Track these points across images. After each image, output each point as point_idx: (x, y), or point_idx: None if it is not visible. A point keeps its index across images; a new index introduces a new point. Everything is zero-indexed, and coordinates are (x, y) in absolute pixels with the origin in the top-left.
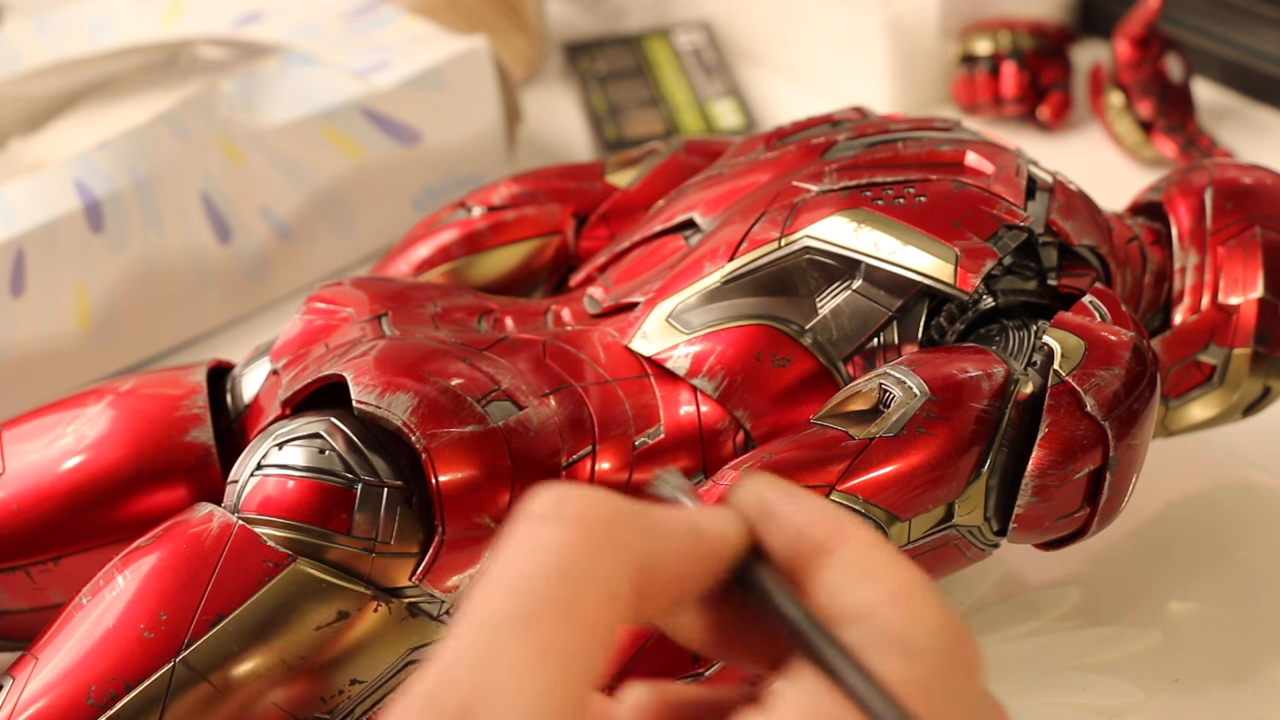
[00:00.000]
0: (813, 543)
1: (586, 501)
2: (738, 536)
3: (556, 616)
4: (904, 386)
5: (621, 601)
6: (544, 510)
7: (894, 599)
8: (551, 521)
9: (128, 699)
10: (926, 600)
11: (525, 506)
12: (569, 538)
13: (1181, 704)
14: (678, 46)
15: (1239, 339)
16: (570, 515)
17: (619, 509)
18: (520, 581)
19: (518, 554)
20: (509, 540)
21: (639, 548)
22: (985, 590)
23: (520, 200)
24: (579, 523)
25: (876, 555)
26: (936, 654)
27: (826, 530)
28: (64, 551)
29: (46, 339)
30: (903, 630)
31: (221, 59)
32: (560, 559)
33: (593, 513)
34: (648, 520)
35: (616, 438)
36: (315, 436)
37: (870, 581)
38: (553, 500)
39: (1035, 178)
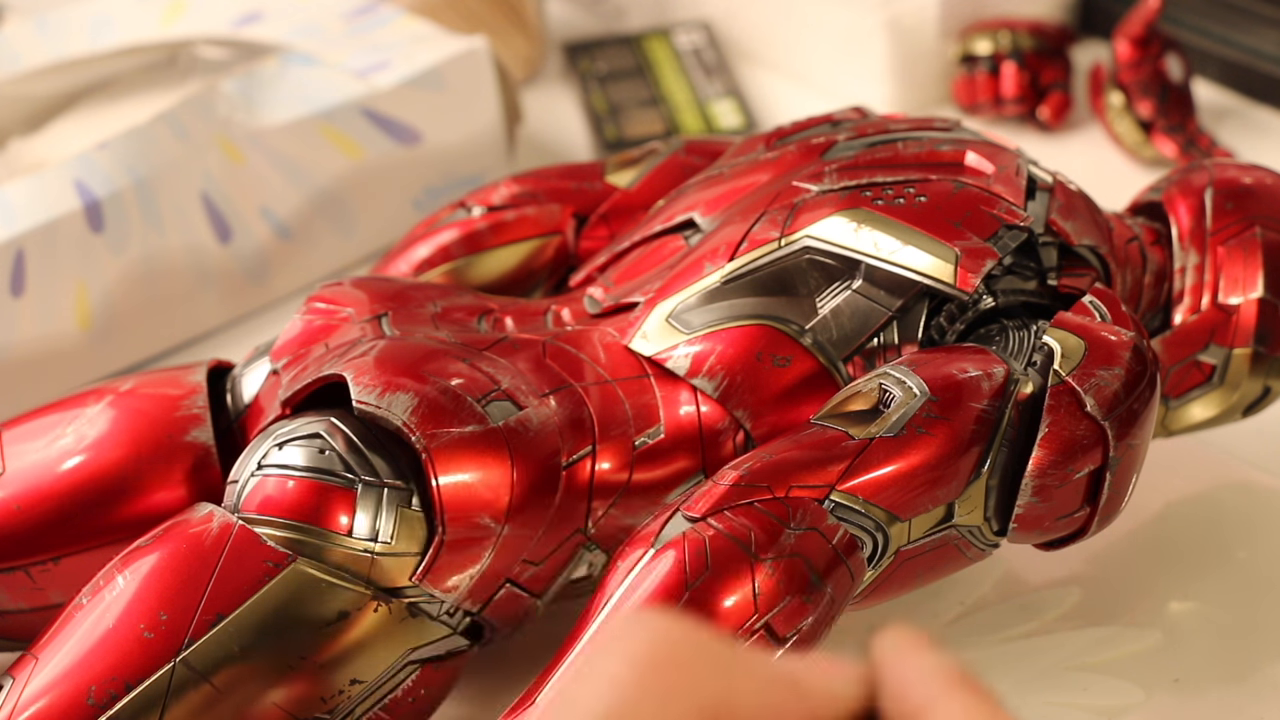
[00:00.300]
0: (914, 703)
1: (655, 631)
2: (848, 696)
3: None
4: (904, 386)
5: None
6: (615, 632)
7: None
8: (614, 656)
9: (128, 699)
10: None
11: (609, 632)
12: (627, 678)
13: (1181, 704)
14: (678, 46)
15: (1239, 339)
16: (633, 651)
17: (689, 643)
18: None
19: (578, 683)
20: (584, 667)
21: (710, 690)
22: (985, 590)
23: (520, 200)
24: (641, 662)
25: (969, 710)
26: None
27: (924, 694)
28: (64, 551)
29: (46, 339)
30: None
31: (221, 59)
32: (612, 699)
33: (658, 649)
34: (725, 654)
35: (616, 438)
36: (315, 436)
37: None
38: (624, 626)
39: (1035, 178)
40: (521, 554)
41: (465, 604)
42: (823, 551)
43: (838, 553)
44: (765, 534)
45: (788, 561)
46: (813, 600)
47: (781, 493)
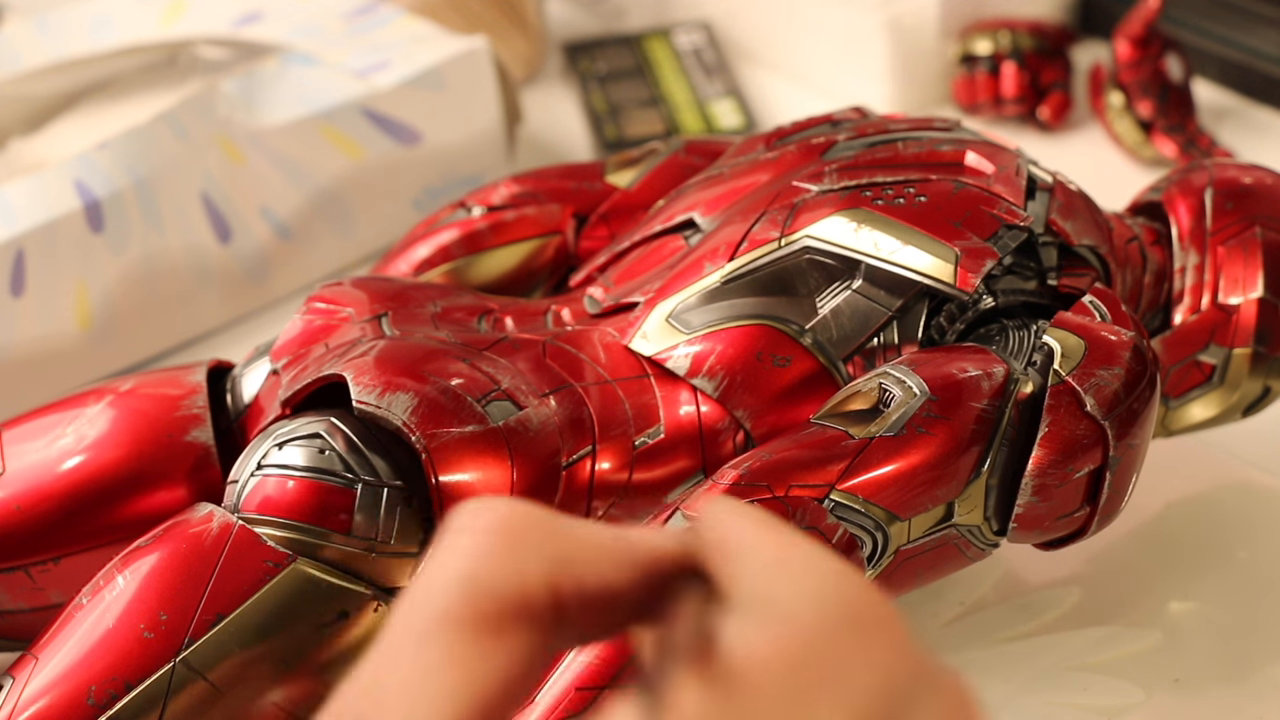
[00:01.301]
0: (723, 546)
1: (498, 509)
2: (674, 551)
3: (459, 628)
4: (904, 386)
5: (537, 607)
6: (458, 523)
7: (771, 568)
8: (463, 532)
9: (128, 699)
10: (809, 567)
11: (447, 522)
12: (476, 544)
13: (1181, 704)
14: (678, 46)
15: (1239, 339)
16: (481, 524)
17: (532, 514)
18: (428, 593)
19: (430, 567)
20: (429, 556)
21: (552, 551)
22: (985, 590)
23: (520, 200)
24: (488, 530)
25: (767, 538)
26: (808, 614)
27: (733, 529)
28: (64, 551)
29: (46, 339)
30: (775, 595)
31: (221, 59)
32: (466, 566)
33: (503, 519)
34: (564, 526)
35: (616, 437)
36: (315, 436)
37: (752, 557)
38: (467, 512)
39: (1035, 178)
40: None
41: None
42: None
43: (837, 552)
44: None
45: None
46: None
47: (781, 492)
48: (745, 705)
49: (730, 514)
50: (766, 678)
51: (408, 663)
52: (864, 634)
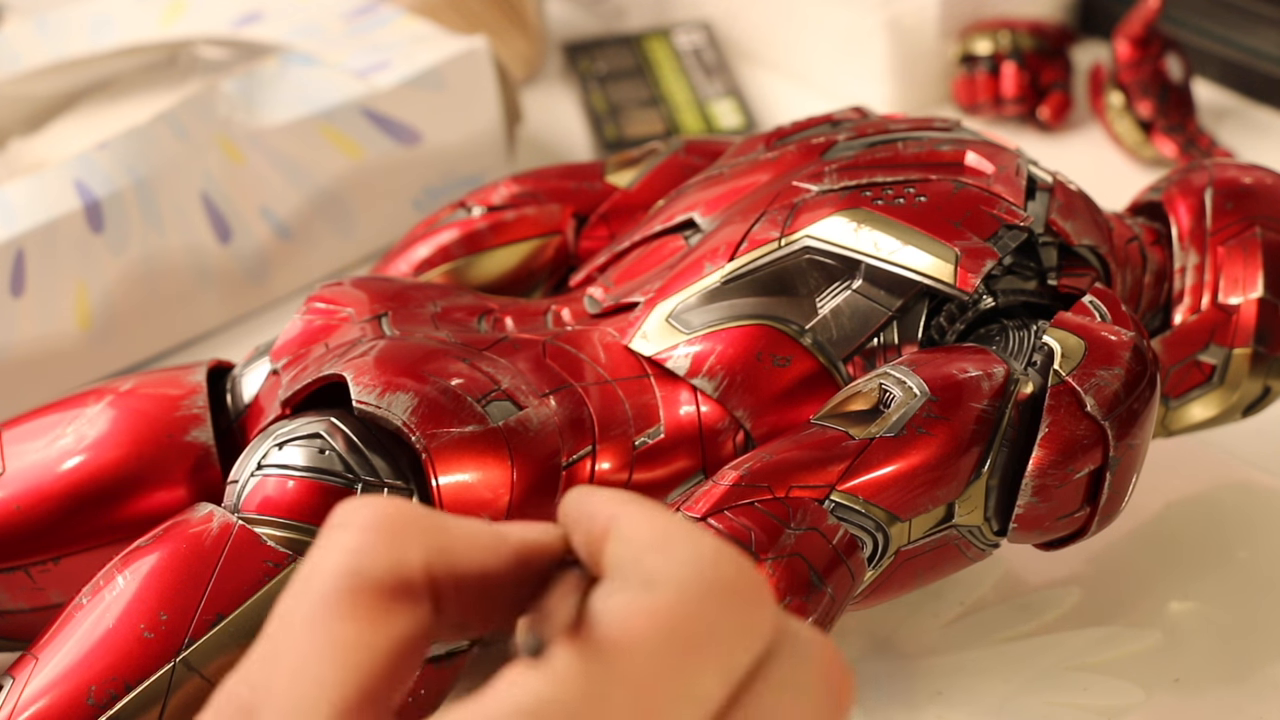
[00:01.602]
0: (598, 531)
1: (377, 505)
2: (546, 541)
3: (341, 612)
4: (904, 386)
5: (416, 596)
6: (337, 519)
7: (648, 546)
8: (343, 527)
9: (128, 699)
10: (683, 540)
11: (329, 519)
12: (357, 538)
13: (1181, 704)
14: (678, 46)
15: (1239, 339)
16: (360, 519)
17: (409, 510)
18: (310, 584)
19: (312, 560)
20: (311, 550)
21: (429, 542)
22: (985, 590)
23: (520, 200)
24: (367, 524)
25: (642, 517)
26: (681, 583)
27: (606, 513)
28: (64, 551)
29: (46, 339)
30: (649, 567)
31: (221, 59)
32: (346, 557)
33: (381, 514)
34: (440, 520)
35: (616, 438)
36: (315, 436)
37: (630, 538)
38: (346, 508)
39: (1035, 178)
40: None
41: None
42: (823, 552)
43: (838, 553)
44: (765, 534)
45: (788, 561)
46: (813, 600)
47: (782, 493)
48: (622, 671)
49: (600, 497)
50: (642, 644)
51: (291, 648)
52: (735, 601)
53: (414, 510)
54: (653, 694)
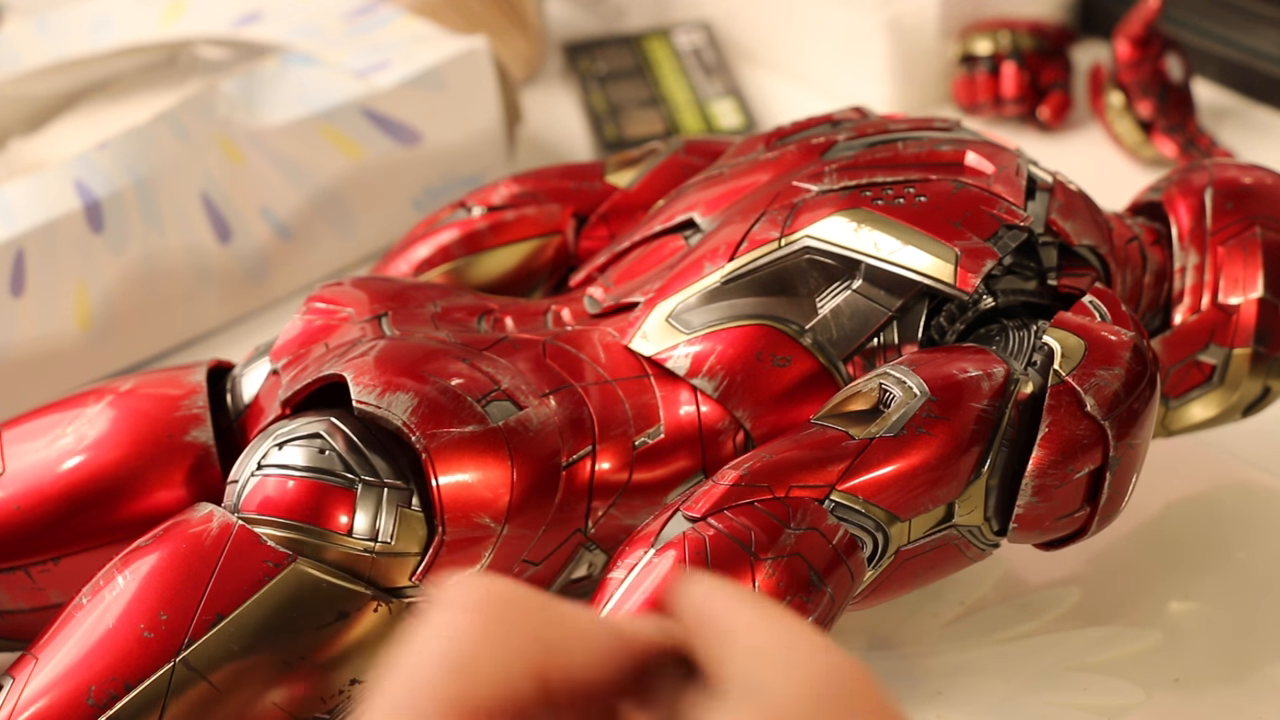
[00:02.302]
0: (709, 630)
1: (487, 588)
2: (660, 636)
3: (446, 711)
4: (904, 386)
5: (522, 692)
6: (446, 598)
7: (759, 651)
8: (451, 610)
9: (128, 699)
10: (798, 649)
11: (436, 594)
12: (464, 625)
13: (1181, 704)
14: (678, 46)
15: (1239, 339)
16: (469, 602)
17: (521, 596)
18: (413, 674)
19: (417, 644)
20: (416, 630)
21: (541, 636)
22: (985, 590)
23: (520, 200)
24: (476, 610)
25: (749, 614)
26: (800, 703)
27: (720, 613)
28: (64, 551)
29: (46, 339)
30: (763, 680)
31: (221, 59)
32: (453, 648)
33: (491, 599)
34: (553, 609)
35: (616, 438)
36: (315, 436)
37: (739, 640)
38: (455, 588)
39: (1035, 178)
40: (521, 554)
41: None
42: (823, 551)
43: (838, 553)
44: (765, 534)
45: (788, 561)
46: (813, 600)
47: (782, 493)
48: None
49: (715, 594)
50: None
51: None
52: (852, 715)
53: (521, 597)
54: None
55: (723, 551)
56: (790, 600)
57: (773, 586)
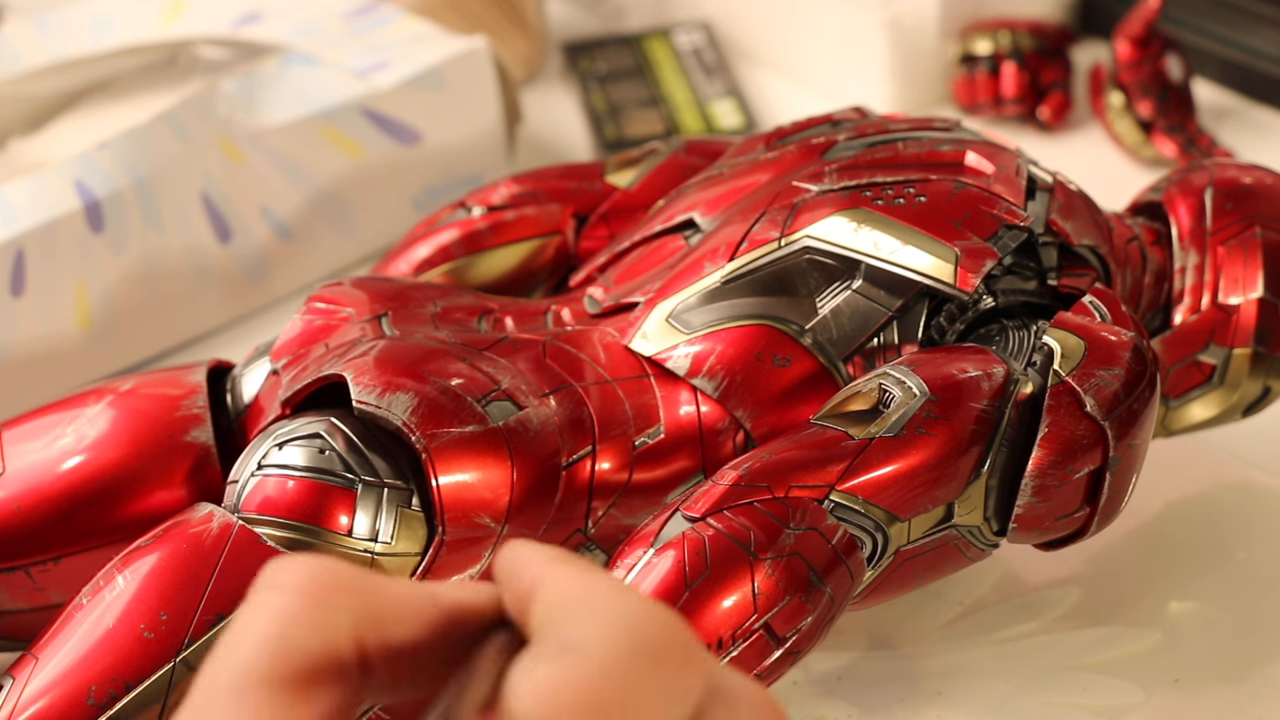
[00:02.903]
0: (523, 593)
1: (306, 567)
2: (479, 603)
3: (267, 683)
4: (904, 386)
5: (344, 664)
6: (267, 579)
7: (571, 610)
8: (271, 589)
9: (128, 699)
10: (607, 603)
11: (259, 579)
12: (283, 602)
13: (1181, 704)
14: (678, 46)
15: (1239, 339)
16: (287, 581)
17: (339, 572)
18: (234, 651)
19: (239, 624)
20: (237, 614)
21: (361, 608)
22: (985, 590)
23: (520, 200)
24: (294, 587)
25: (566, 578)
26: (604, 649)
27: (531, 575)
28: (64, 551)
29: (46, 339)
30: (571, 633)
31: (221, 59)
32: (273, 624)
33: (309, 577)
34: (371, 582)
35: (616, 438)
36: (315, 436)
37: (548, 597)
38: (275, 569)
39: (1035, 178)
40: None
41: None
42: (822, 551)
43: (837, 553)
44: (765, 534)
45: (787, 561)
46: (812, 600)
47: (781, 493)
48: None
49: (528, 556)
50: (558, 717)
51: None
52: (661, 663)
53: (345, 574)
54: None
55: (722, 551)
56: (789, 600)
57: (772, 586)
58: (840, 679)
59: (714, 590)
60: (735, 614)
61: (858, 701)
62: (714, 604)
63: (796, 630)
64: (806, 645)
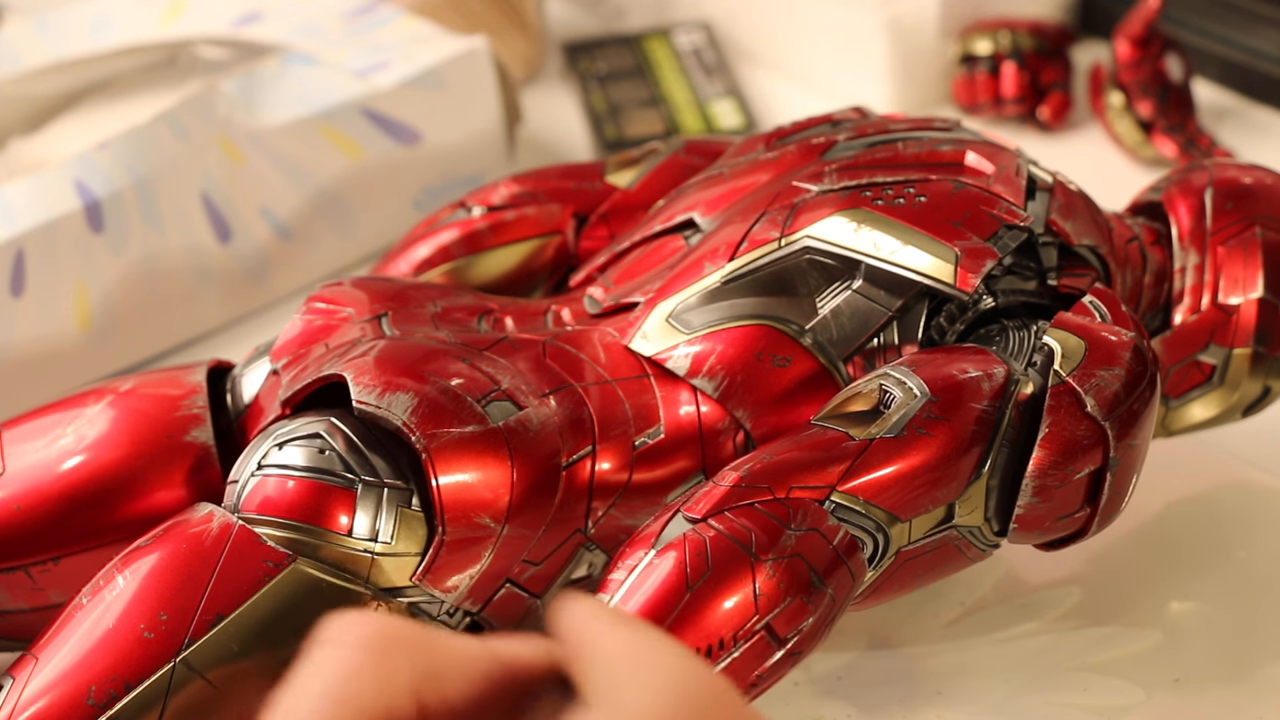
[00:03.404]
0: (578, 649)
1: (365, 623)
2: (536, 659)
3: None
4: (904, 387)
5: (403, 717)
6: (328, 635)
7: (620, 666)
8: (332, 645)
9: (128, 699)
10: (658, 662)
11: (318, 634)
12: (344, 659)
13: (1181, 704)
14: (678, 46)
15: (1239, 339)
16: (349, 638)
17: (398, 627)
18: (297, 708)
19: (299, 681)
20: (298, 667)
21: (420, 665)
22: (985, 590)
23: (520, 200)
24: (356, 644)
25: (614, 632)
26: (653, 710)
27: (583, 632)
28: (64, 551)
29: (46, 339)
30: (622, 694)
31: (221, 59)
32: (334, 681)
33: (371, 633)
34: (430, 638)
35: (616, 438)
36: (315, 436)
37: (602, 656)
38: (337, 625)
39: (1035, 178)
40: (521, 554)
41: (465, 604)
42: (823, 552)
43: (838, 553)
44: (766, 535)
45: (788, 562)
46: (813, 601)
47: (782, 493)
48: None
49: (586, 614)
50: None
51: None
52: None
53: (403, 629)
54: None
55: (723, 552)
56: (791, 601)
57: (773, 587)
58: (840, 679)
59: (715, 591)
60: (737, 615)
61: (858, 701)
62: (715, 605)
63: (798, 631)
64: (808, 646)
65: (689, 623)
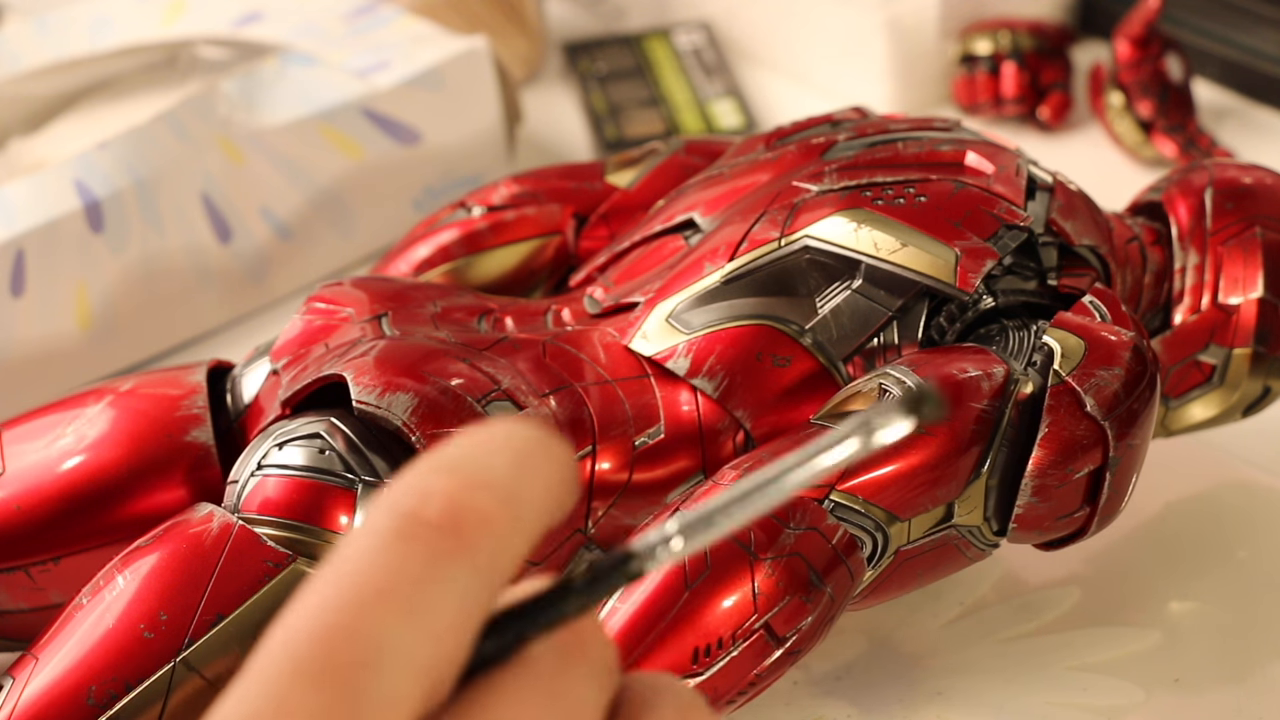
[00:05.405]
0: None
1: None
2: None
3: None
4: (904, 387)
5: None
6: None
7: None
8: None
9: (128, 699)
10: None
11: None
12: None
13: (1181, 704)
14: (678, 46)
15: (1239, 339)
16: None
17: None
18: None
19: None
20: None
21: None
22: (985, 590)
23: (520, 200)
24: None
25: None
26: None
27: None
28: (64, 551)
29: (46, 339)
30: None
31: (221, 59)
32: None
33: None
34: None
35: (616, 438)
36: (315, 436)
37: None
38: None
39: (1035, 178)
40: None
41: None
42: (822, 551)
43: (837, 552)
44: (765, 534)
45: (787, 561)
46: (812, 600)
47: None
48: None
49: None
50: None
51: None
52: None
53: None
54: None
55: (722, 551)
56: (789, 600)
57: (772, 586)
58: (840, 679)
59: (714, 590)
60: (735, 614)
61: (858, 701)
62: (714, 604)
63: (797, 630)
64: (807, 645)
65: (687, 621)
